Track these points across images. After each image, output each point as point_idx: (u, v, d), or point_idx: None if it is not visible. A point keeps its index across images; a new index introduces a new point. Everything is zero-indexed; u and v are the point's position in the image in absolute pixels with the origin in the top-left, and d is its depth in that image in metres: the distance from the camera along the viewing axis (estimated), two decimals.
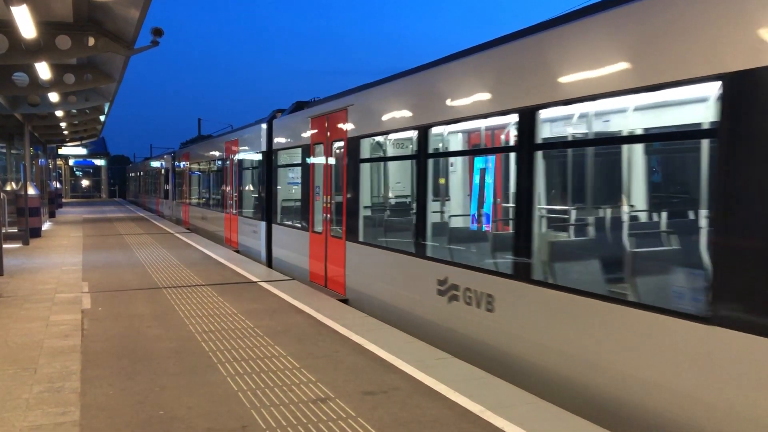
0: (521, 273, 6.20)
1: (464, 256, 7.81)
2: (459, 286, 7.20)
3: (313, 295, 9.89)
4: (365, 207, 10.13)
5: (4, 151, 22.84)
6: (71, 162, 61.75)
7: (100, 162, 64.76)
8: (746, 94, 4.07)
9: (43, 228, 21.75)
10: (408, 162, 9.51)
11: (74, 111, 19.65)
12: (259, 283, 11.01)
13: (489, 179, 9.50)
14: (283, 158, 14.36)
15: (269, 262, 15.05)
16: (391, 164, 10.75)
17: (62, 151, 45.38)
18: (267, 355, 6.60)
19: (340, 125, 10.69)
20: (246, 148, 16.95)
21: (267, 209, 15.08)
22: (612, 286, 6.09)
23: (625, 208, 7.42)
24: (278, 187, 14.70)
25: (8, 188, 20.57)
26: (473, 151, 9.74)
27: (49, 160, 33.80)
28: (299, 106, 13.82)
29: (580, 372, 5.47)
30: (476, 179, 9.77)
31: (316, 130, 11.88)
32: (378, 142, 10.21)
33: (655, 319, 4.75)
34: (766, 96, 3.97)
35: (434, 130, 8.03)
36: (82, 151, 52.54)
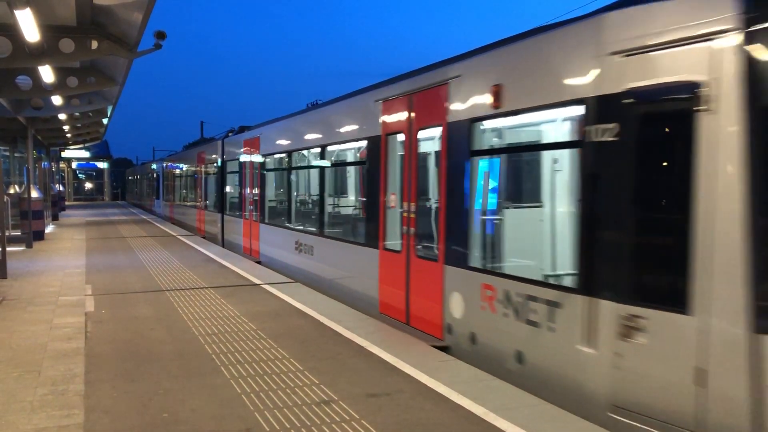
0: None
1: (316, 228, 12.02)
2: (304, 244, 12.37)
3: (316, 298, 9.89)
4: (270, 200, 15.08)
5: (7, 154, 22.88)
6: (74, 165, 61.81)
7: (102, 165, 64.80)
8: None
9: (47, 231, 21.77)
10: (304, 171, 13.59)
11: (77, 114, 19.68)
12: (262, 285, 11.01)
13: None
14: (230, 166, 18.78)
15: (222, 244, 19.26)
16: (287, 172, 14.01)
17: (65, 153, 45.42)
18: (270, 358, 6.60)
19: (256, 147, 15.81)
20: (210, 158, 21.59)
21: (221, 204, 19.78)
22: (352, 236, 10.65)
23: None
24: (228, 188, 19.05)
25: (11, 191, 20.59)
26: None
27: (52, 163, 33.85)
28: (241, 129, 18.89)
29: (344, 277, 10.44)
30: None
31: (247, 147, 16.62)
32: (279, 160, 14.39)
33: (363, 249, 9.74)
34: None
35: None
36: (85, 153, 52.55)
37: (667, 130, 5.06)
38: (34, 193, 18.78)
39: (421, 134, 8.32)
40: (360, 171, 11.04)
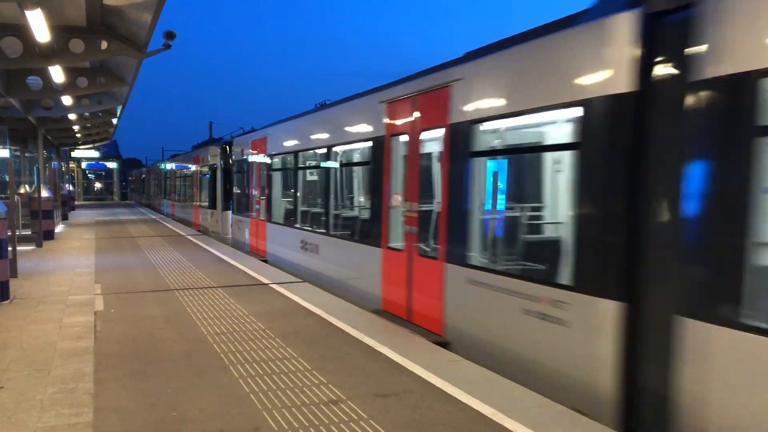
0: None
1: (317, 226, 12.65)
2: (310, 243, 12.66)
3: (324, 298, 9.89)
4: (276, 200, 15.46)
5: (18, 154, 23.02)
6: (84, 165, 62.11)
7: (112, 165, 65.10)
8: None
9: (56, 230, 21.90)
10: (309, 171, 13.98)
11: (87, 114, 19.77)
12: (270, 285, 11.03)
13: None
14: (237, 167, 19.64)
15: (230, 242, 20.03)
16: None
17: (75, 153, 45.64)
18: (278, 357, 6.61)
19: (263, 147, 16.26)
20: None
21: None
22: (356, 235, 10.74)
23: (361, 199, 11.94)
24: (235, 188, 19.98)
25: (22, 191, 20.73)
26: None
27: (62, 163, 34.03)
28: (244, 132, 20.48)
29: (343, 273, 10.94)
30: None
31: (254, 148, 17.07)
32: (285, 160, 14.89)
33: (359, 246, 10.25)
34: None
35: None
36: (95, 153, 52.75)
37: None
38: (45, 193, 18.89)
39: (423, 135, 8.45)
40: (364, 171, 11.16)
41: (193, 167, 27.08)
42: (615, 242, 5.24)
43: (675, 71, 4.89)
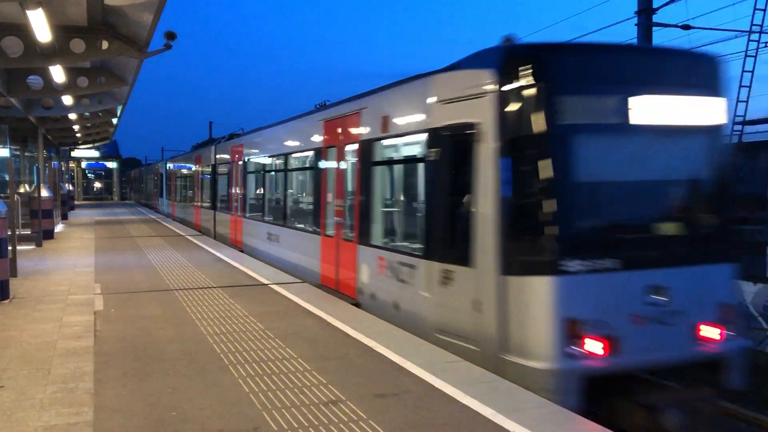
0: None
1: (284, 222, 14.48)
2: (273, 234, 14.90)
3: (324, 298, 9.91)
4: (250, 198, 17.52)
5: (17, 153, 23.02)
6: (83, 164, 62.10)
7: (112, 164, 65.11)
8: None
9: (56, 230, 21.89)
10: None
11: (87, 114, 19.78)
12: (270, 285, 11.04)
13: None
14: (220, 169, 21.31)
15: (214, 236, 21.21)
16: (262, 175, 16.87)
17: (75, 153, 45.61)
18: (278, 357, 6.62)
19: (240, 153, 18.38)
20: (204, 161, 24.39)
21: (213, 202, 22.42)
22: (304, 227, 12.83)
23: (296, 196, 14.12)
24: (219, 188, 21.52)
25: (22, 190, 20.72)
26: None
27: (62, 163, 34.03)
28: (231, 136, 21.40)
29: (296, 257, 12.87)
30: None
31: (233, 153, 19.26)
32: (255, 164, 17.00)
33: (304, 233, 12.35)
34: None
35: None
36: (95, 153, 52.73)
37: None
38: (44, 193, 18.90)
39: (347, 148, 10.67)
40: (309, 175, 13.18)
41: (182, 169, 30.95)
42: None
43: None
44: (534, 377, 6.20)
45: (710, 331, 6.79)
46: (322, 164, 11.71)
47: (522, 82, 6.64)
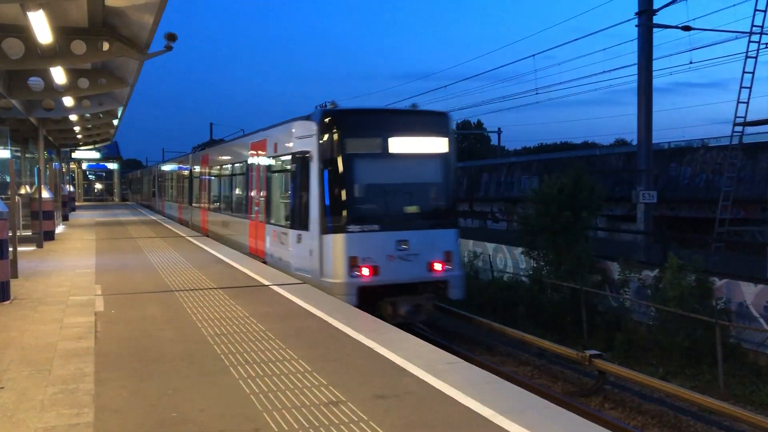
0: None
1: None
2: (224, 221, 19.89)
3: (324, 300, 9.91)
4: (212, 195, 22.35)
5: (18, 154, 23.02)
6: (84, 165, 62.06)
7: (112, 165, 65.05)
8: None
9: (57, 231, 21.90)
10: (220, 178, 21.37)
11: (88, 115, 19.80)
12: (271, 286, 11.04)
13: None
14: (194, 173, 26.23)
15: (190, 226, 25.78)
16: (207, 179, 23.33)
17: (76, 154, 45.58)
18: (279, 359, 6.62)
19: (206, 161, 23.65)
20: (183, 166, 29.59)
21: (190, 199, 26.87)
22: (239, 214, 17.85)
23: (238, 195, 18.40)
24: (194, 187, 26.22)
25: (22, 192, 20.71)
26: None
27: (63, 164, 34.04)
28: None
29: (236, 235, 17.70)
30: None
31: (201, 161, 24.60)
32: (212, 171, 22.43)
33: (241, 220, 17.52)
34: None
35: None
36: (96, 154, 52.64)
37: (303, 165, 12.41)
38: (45, 194, 18.89)
39: (261, 162, 15.50)
40: (242, 178, 17.75)
41: (174, 171, 36.48)
42: (299, 210, 12.49)
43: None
44: (335, 288, 11.33)
45: (437, 266, 12.07)
46: (247, 171, 16.75)
47: (329, 130, 11.91)
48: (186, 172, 28.35)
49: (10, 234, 10.46)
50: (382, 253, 11.66)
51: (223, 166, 20.33)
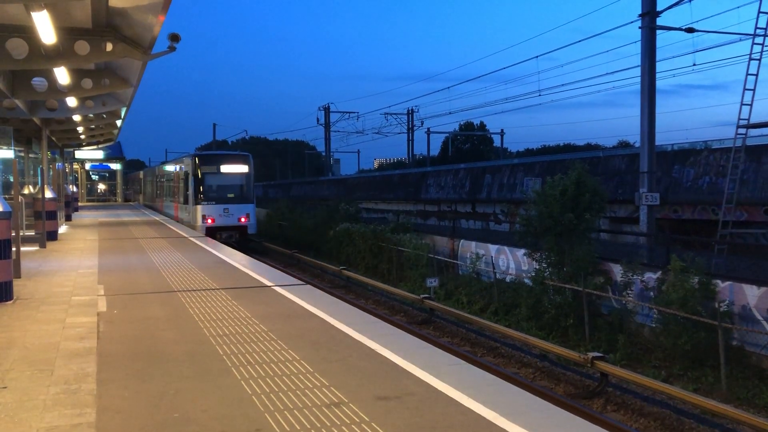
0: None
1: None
2: (167, 205, 39.48)
3: (326, 300, 9.92)
4: (166, 194, 40.32)
5: (22, 155, 23.09)
6: (87, 166, 62.17)
7: (116, 166, 65.15)
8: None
9: (60, 231, 21.95)
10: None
11: (91, 115, 19.84)
12: (273, 287, 11.05)
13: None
14: (158, 178, 44.39)
15: (162, 214, 38.20)
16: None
17: (79, 155, 45.72)
18: (281, 359, 6.62)
19: (159, 171, 45.35)
20: (157, 172, 46.49)
21: (162, 196, 41.45)
22: (172, 201, 36.90)
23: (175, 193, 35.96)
24: (163, 188, 41.77)
25: (26, 192, 20.78)
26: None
27: (66, 164, 34.15)
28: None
29: (171, 211, 36.13)
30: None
31: (165, 170, 41.13)
32: (162, 177, 41.95)
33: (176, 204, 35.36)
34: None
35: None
36: (99, 155, 52.79)
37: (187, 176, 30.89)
38: (48, 194, 18.94)
39: (177, 173, 33.42)
40: (172, 183, 34.20)
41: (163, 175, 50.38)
42: (186, 196, 30.92)
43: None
44: (197, 228, 27.38)
45: (243, 219, 29.25)
46: (174, 179, 34.03)
47: (196, 162, 29.64)
48: (158, 177, 44.25)
49: (13, 234, 10.48)
50: (216, 213, 28.61)
51: (165, 175, 39.27)
